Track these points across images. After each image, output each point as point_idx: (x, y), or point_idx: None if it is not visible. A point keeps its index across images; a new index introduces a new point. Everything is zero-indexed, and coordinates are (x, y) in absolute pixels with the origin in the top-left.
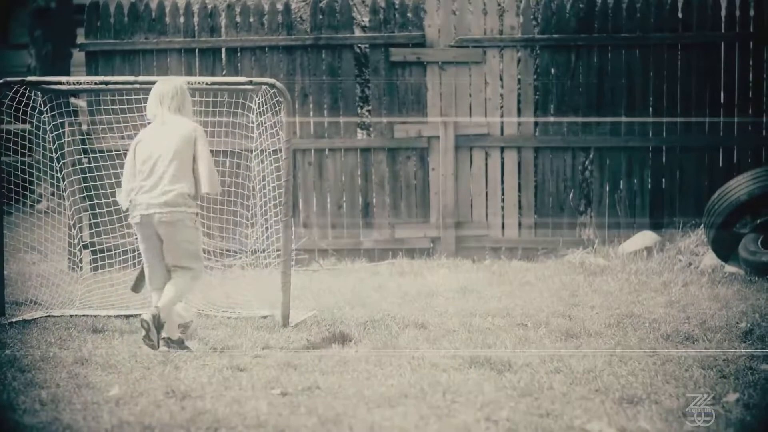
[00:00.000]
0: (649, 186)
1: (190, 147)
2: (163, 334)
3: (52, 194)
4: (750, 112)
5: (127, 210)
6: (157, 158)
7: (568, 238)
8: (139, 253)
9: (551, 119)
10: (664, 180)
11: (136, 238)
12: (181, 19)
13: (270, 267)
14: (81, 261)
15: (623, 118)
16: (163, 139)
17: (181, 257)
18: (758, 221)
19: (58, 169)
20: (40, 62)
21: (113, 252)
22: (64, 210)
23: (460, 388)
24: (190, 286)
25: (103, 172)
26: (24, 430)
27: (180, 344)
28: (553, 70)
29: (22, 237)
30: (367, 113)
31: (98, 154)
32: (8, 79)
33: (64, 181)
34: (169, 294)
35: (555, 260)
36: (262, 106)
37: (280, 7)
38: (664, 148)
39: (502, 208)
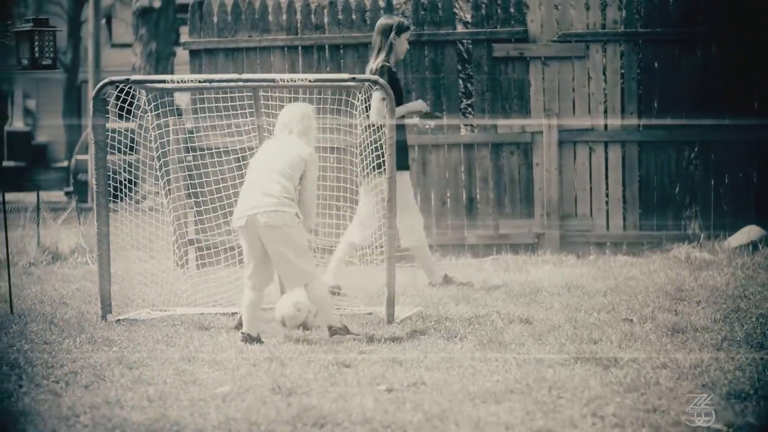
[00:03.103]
0: (755, 180)
1: (299, 169)
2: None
3: (157, 193)
4: None
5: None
6: (264, 168)
7: (673, 233)
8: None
9: (655, 113)
10: None
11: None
12: (284, 17)
13: (375, 263)
14: (186, 258)
15: (727, 113)
16: (275, 152)
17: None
18: None
19: (158, 167)
20: (145, 61)
21: (218, 249)
22: (167, 208)
23: (566, 384)
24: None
25: (210, 169)
26: (132, 426)
27: (346, 330)
28: (656, 64)
29: (127, 235)
30: (470, 109)
31: (203, 152)
32: (113, 78)
33: (165, 178)
34: (320, 303)
35: (660, 255)
36: (366, 103)
37: (382, 3)
38: None
39: (607, 203)
